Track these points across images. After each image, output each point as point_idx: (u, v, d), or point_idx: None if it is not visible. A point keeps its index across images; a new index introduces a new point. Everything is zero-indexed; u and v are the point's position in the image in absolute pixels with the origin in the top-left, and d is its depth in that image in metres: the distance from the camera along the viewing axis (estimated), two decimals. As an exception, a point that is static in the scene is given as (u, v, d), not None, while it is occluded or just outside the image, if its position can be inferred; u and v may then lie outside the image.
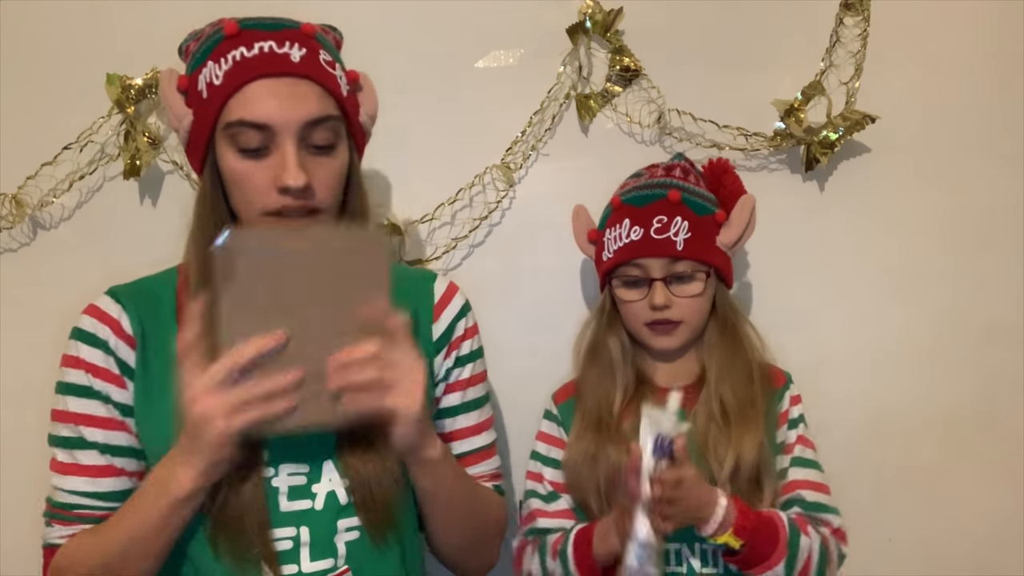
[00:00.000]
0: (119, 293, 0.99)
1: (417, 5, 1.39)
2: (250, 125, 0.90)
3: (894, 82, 1.40)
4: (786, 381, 1.21)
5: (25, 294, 1.37)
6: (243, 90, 0.90)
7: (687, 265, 1.15)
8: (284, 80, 0.91)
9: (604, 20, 1.36)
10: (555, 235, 1.40)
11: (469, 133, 1.41)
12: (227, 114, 0.91)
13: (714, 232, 1.19)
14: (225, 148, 0.92)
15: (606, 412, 1.17)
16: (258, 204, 0.91)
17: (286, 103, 0.90)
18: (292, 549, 0.93)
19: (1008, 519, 1.44)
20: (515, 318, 1.41)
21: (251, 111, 0.90)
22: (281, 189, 0.90)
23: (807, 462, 1.17)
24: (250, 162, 0.91)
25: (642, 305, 1.16)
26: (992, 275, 1.42)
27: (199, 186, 0.97)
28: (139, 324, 0.96)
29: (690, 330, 1.17)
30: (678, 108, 1.38)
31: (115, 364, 0.95)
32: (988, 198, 1.42)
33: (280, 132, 0.90)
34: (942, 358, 1.43)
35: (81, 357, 0.95)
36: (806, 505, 1.14)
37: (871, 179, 1.41)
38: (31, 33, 1.37)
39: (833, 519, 1.15)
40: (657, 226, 1.15)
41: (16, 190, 1.35)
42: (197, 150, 0.96)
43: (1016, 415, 1.43)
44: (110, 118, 1.35)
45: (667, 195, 1.17)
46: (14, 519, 1.30)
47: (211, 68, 0.92)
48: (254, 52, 0.91)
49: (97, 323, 0.96)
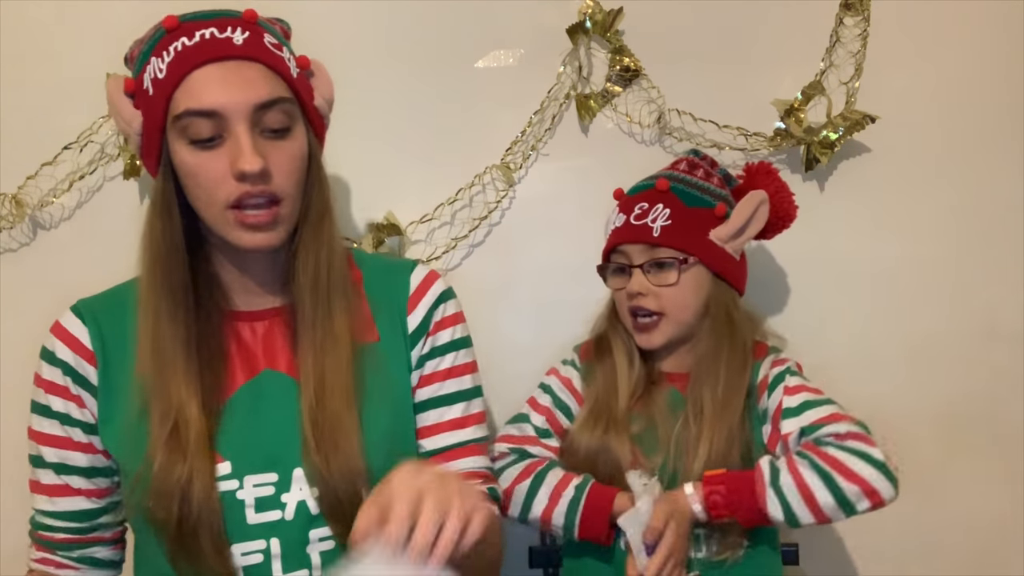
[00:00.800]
0: (82, 308, 0.97)
1: (417, 5, 1.39)
2: (199, 114, 0.85)
3: (894, 82, 1.40)
4: (767, 353, 1.18)
5: (25, 294, 1.37)
6: (187, 79, 0.86)
7: (664, 252, 1.14)
8: (229, 64, 0.86)
9: (604, 20, 1.36)
10: (555, 235, 1.40)
11: (469, 133, 1.41)
12: (174, 106, 0.87)
13: (707, 224, 1.17)
14: (177, 142, 0.88)
15: (614, 405, 1.16)
16: (217, 196, 0.87)
17: (234, 87, 0.86)
18: (263, 563, 0.91)
19: (1008, 519, 1.44)
20: (515, 318, 1.41)
21: (198, 99, 0.85)
22: (238, 176, 0.85)
23: (796, 410, 1.09)
24: (204, 153, 0.87)
25: (625, 293, 1.16)
26: (992, 275, 1.42)
27: (152, 189, 0.92)
28: (100, 339, 0.95)
29: (674, 325, 1.15)
30: (678, 108, 1.38)
31: (74, 382, 0.94)
32: (988, 198, 1.42)
33: (231, 118, 0.86)
34: (942, 358, 1.43)
35: (43, 376, 0.96)
36: (803, 433, 1.07)
37: (871, 179, 1.41)
38: (31, 33, 1.37)
39: (837, 427, 1.05)
40: (638, 212, 1.16)
41: (16, 190, 1.35)
42: (151, 151, 0.91)
43: (1016, 414, 1.43)
44: (110, 118, 1.35)
45: (655, 184, 1.18)
46: (14, 519, 1.30)
47: (154, 64, 0.88)
48: (195, 40, 0.87)
49: (57, 342, 0.95)
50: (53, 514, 0.97)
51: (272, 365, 0.95)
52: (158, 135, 0.89)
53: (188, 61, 0.86)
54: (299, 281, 0.94)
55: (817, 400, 1.10)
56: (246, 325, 0.97)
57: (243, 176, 0.85)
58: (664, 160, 1.40)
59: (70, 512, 0.97)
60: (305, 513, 0.92)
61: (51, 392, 0.95)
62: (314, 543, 0.92)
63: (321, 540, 0.92)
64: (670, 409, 1.16)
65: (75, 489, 0.96)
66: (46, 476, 0.97)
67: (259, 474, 0.91)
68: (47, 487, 0.97)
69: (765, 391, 1.14)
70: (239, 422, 0.92)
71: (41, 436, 0.96)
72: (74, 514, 0.97)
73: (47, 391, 0.95)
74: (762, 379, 1.15)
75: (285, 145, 0.89)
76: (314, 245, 0.94)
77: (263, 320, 0.97)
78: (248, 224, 0.88)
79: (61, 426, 0.95)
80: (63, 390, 0.95)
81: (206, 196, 0.88)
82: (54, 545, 0.98)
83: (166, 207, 0.90)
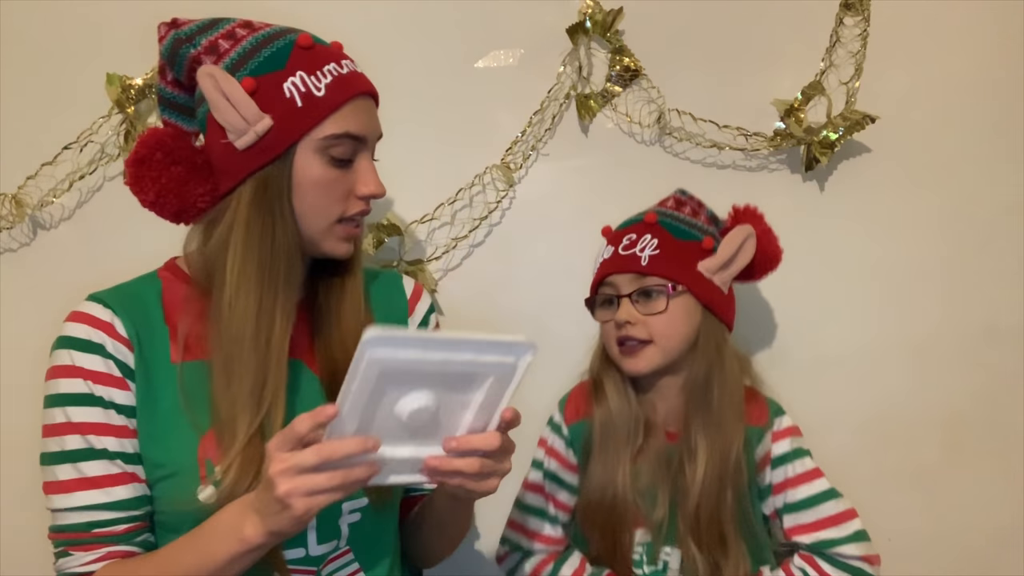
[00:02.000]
0: (105, 298, 0.96)
1: (417, 5, 1.39)
2: (353, 138, 0.95)
3: (894, 82, 1.40)
4: (769, 418, 1.17)
5: (25, 294, 1.37)
6: (348, 105, 0.95)
7: (652, 281, 1.13)
8: (370, 100, 1.00)
9: (604, 20, 1.36)
10: (555, 235, 1.40)
11: (469, 133, 1.41)
12: (328, 126, 0.94)
13: (695, 256, 1.16)
14: (314, 157, 0.94)
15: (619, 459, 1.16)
16: (336, 210, 0.96)
17: (373, 120, 0.99)
18: (302, 533, 0.93)
19: (1008, 519, 1.44)
20: (515, 318, 1.41)
21: (356, 127, 0.95)
22: (364, 197, 0.97)
23: (801, 504, 1.15)
24: (337, 171, 0.95)
25: (612, 324, 1.15)
26: (992, 275, 1.42)
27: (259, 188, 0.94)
28: (133, 327, 0.94)
29: (661, 353, 1.14)
30: (678, 108, 1.38)
31: (116, 367, 0.93)
32: (988, 198, 1.42)
33: (367, 145, 0.98)
34: (942, 358, 1.43)
35: (77, 365, 0.92)
36: (806, 548, 1.15)
37: (871, 179, 1.41)
38: (31, 33, 1.37)
39: (846, 548, 1.13)
40: (626, 243, 1.16)
41: (16, 190, 1.35)
42: (265, 154, 0.93)
43: (1016, 415, 1.43)
44: (110, 118, 1.35)
45: (643, 218, 1.18)
46: (14, 519, 1.30)
47: (302, 78, 0.93)
48: (345, 71, 0.96)
49: (90, 328, 0.93)
50: (108, 505, 0.91)
51: (295, 355, 0.98)
52: (287, 144, 0.93)
53: (350, 89, 0.95)
54: (324, 277, 1.01)
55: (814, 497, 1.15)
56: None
57: (370, 198, 0.98)
58: (664, 160, 1.40)
59: (127, 500, 0.92)
60: None
61: (91, 379, 0.92)
62: (345, 515, 0.96)
63: (351, 512, 0.97)
64: (666, 465, 1.16)
65: (129, 475, 0.92)
66: (94, 467, 0.91)
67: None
68: (97, 479, 0.91)
69: (767, 466, 1.16)
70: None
71: (85, 426, 0.91)
72: (130, 502, 0.92)
73: (87, 378, 0.91)
74: (764, 454, 1.16)
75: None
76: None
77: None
78: (350, 236, 0.98)
79: (104, 411, 0.92)
80: (105, 376, 0.92)
81: (326, 208, 0.96)
82: (117, 539, 0.92)
83: (283, 210, 0.95)
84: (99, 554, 0.91)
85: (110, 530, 0.91)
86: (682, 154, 1.41)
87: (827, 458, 1.20)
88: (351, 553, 0.98)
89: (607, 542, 1.16)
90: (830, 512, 1.15)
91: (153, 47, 1.28)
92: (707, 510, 1.12)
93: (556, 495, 1.21)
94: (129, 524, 0.92)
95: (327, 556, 0.96)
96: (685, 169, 1.40)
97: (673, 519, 1.15)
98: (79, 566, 0.91)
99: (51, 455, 0.92)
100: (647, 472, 1.16)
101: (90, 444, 0.91)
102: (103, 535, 0.91)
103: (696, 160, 1.41)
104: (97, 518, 0.91)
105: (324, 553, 0.96)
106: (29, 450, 1.01)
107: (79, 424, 0.91)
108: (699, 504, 1.12)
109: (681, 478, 1.14)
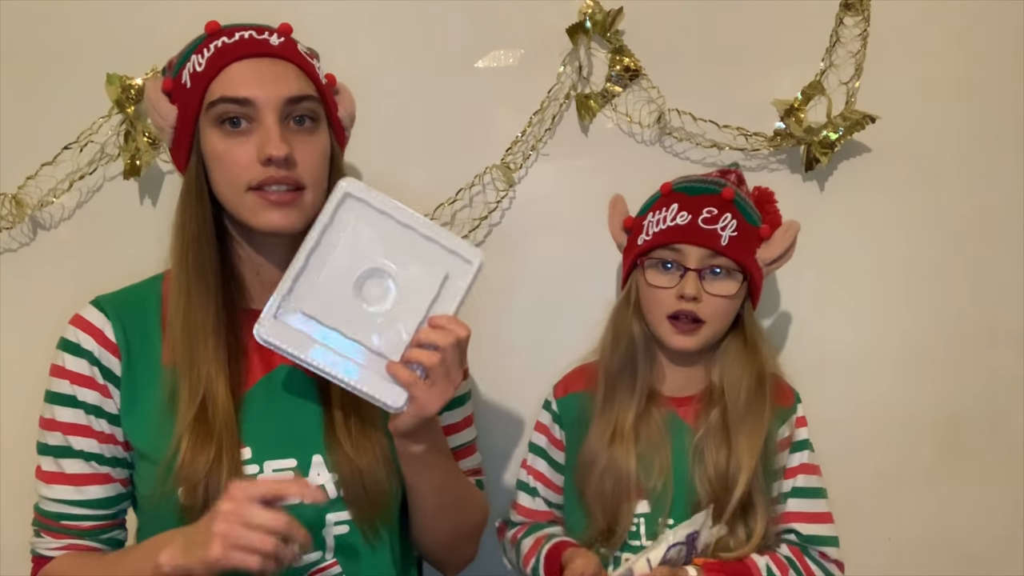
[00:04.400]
0: (103, 302, 0.99)
1: (417, 5, 1.39)
2: (232, 101, 0.92)
3: (894, 82, 1.40)
4: (794, 402, 1.19)
5: (25, 294, 1.37)
6: (225, 71, 0.93)
7: (726, 262, 1.12)
8: (264, 60, 0.94)
9: (604, 20, 1.36)
10: (555, 235, 1.40)
11: (469, 133, 1.41)
12: (210, 95, 0.93)
13: (756, 243, 1.16)
14: (209, 130, 0.93)
15: (621, 421, 1.15)
16: (242, 179, 0.92)
17: (267, 80, 0.93)
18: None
19: (1008, 519, 1.44)
20: (515, 318, 1.41)
21: (234, 88, 0.92)
22: (264, 160, 0.91)
23: (807, 491, 1.16)
24: (233, 140, 0.92)
25: (669, 294, 1.12)
26: (992, 275, 1.42)
27: (183, 180, 0.97)
28: (123, 332, 0.97)
29: (711, 333, 1.14)
30: (678, 108, 1.38)
31: (100, 373, 0.96)
32: (988, 198, 1.42)
33: (262, 108, 0.92)
34: (942, 358, 1.43)
35: (66, 367, 0.96)
36: (801, 538, 1.16)
37: (871, 179, 1.41)
38: (31, 33, 1.36)
39: (830, 551, 1.16)
40: (706, 216, 1.12)
41: (16, 190, 1.35)
42: (183, 142, 0.96)
43: (1016, 416, 1.43)
44: (110, 118, 1.35)
45: (721, 192, 1.15)
46: (14, 519, 1.30)
47: (194, 60, 0.95)
48: (234, 39, 0.94)
49: (80, 332, 0.97)
50: (79, 503, 0.97)
51: (286, 360, 0.97)
52: (191, 126, 0.94)
53: (227, 55, 0.93)
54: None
55: (818, 489, 1.18)
56: None
57: (269, 160, 0.91)
58: (664, 160, 1.40)
59: (98, 500, 0.98)
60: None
61: (76, 382, 0.96)
62: (330, 526, 0.96)
63: (337, 524, 0.96)
64: (669, 433, 1.16)
65: (103, 476, 0.98)
66: (72, 465, 0.97)
67: (279, 460, 0.95)
68: (72, 476, 0.97)
69: (786, 449, 1.17)
70: (258, 412, 0.96)
71: (66, 426, 0.97)
72: (101, 501, 0.98)
73: (72, 381, 0.96)
74: (786, 437, 1.17)
75: (311, 139, 0.96)
76: None
77: None
78: (270, 201, 0.92)
79: (86, 415, 0.96)
80: (89, 380, 0.96)
81: (231, 179, 0.93)
82: (82, 533, 0.98)
83: (197, 195, 0.95)
84: (63, 544, 0.98)
85: (76, 524, 0.98)
86: (682, 154, 1.41)
87: (827, 458, 1.20)
88: (338, 566, 0.97)
89: (607, 513, 1.14)
90: (823, 509, 1.17)
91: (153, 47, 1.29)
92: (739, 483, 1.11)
93: (537, 467, 1.22)
94: (96, 522, 0.98)
95: (312, 567, 0.96)
96: (685, 169, 1.40)
97: (680, 493, 1.13)
98: (45, 549, 0.99)
99: (40, 445, 0.99)
100: (646, 438, 1.15)
101: (68, 443, 0.97)
102: (70, 527, 0.98)
103: (696, 160, 1.41)
104: (67, 511, 0.98)
105: (308, 564, 0.95)
106: (29, 448, 1.01)
107: (61, 423, 0.97)
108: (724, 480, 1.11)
109: (710, 448, 1.13)
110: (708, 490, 1.12)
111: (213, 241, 0.96)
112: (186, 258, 0.95)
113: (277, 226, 0.93)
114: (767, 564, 1.11)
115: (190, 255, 0.95)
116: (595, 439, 1.15)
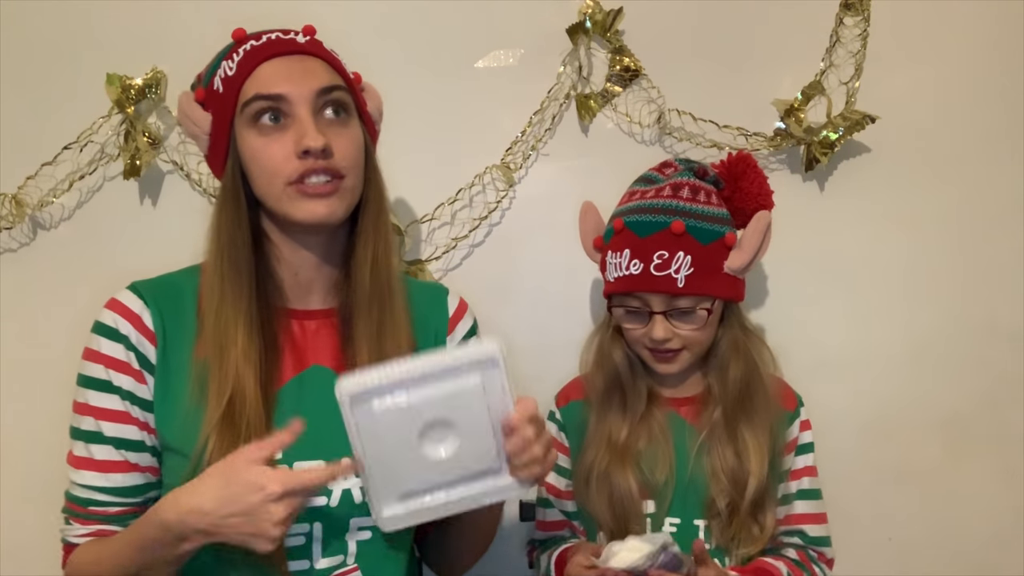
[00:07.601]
0: (141, 288, 0.99)
1: (417, 5, 1.39)
2: (266, 98, 0.93)
3: (894, 82, 1.40)
4: (797, 405, 1.20)
5: (25, 294, 1.37)
6: (256, 71, 0.94)
7: (689, 300, 1.12)
8: (293, 57, 0.96)
9: (604, 20, 1.36)
10: (555, 235, 1.40)
11: (469, 133, 1.41)
12: (243, 96, 0.94)
13: (721, 258, 1.13)
14: (245, 131, 0.94)
15: (616, 432, 1.16)
16: (281, 175, 0.93)
17: (297, 75, 0.94)
18: (304, 545, 0.94)
19: (1008, 519, 1.44)
20: (515, 318, 1.41)
21: (266, 86, 0.93)
22: (302, 153, 0.92)
23: (811, 493, 1.19)
24: (269, 137, 0.93)
25: (642, 333, 1.14)
26: (993, 275, 1.42)
27: (221, 184, 0.98)
28: (160, 320, 0.97)
29: (692, 355, 1.16)
30: (678, 108, 1.38)
31: (136, 359, 0.95)
32: (988, 198, 1.42)
33: (295, 102, 0.93)
34: (943, 358, 1.43)
35: (102, 352, 0.95)
36: (807, 539, 1.17)
37: (871, 179, 1.41)
38: (31, 33, 1.37)
39: (827, 551, 1.19)
40: (658, 262, 1.10)
41: (16, 190, 1.35)
42: (219, 147, 0.97)
43: (1016, 415, 1.43)
44: (110, 118, 1.35)
45: (670, 226, 1.11)
46: (14, 519, 1.30)
47: (224, 66, 0.96)
48: (263, 41, 0.96)
49: (118, 318, 0.96)
50: (107, 489, 0.96)
51: (319, 360, 0.99)
52: (227, 129, 0.96)
53: (257, 56, 0.95)
54: (358, 276, 0.99)
55: (819, 491, 1.20)
56: (297, 322, 1.01)
57: (306, 152, 0.92)
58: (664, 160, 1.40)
59: (125, 487, 0.97)
60: (349, 501, 0.96)
61: (112, 367, 0.95)
62: (353, 531, 0.97)
63: (360, 530, 0.97)
64: (671, 432, 1.17)
65: (132, 464, 0.97)
66: (101, 451, 0.96)
67: (307, 460, 0.94)
68: (101, 463, 0.96)
69: (792, 452, 1.18)
70: (289, 411, 0.95)
71: (99, 411, 0.95)
72: (129, 489, 0.97)
73: (107, 366, 0.95)
74: (791, 440, 1.18)
75: (344, 131, 0.97)
76: (373, 237, 0.99)
77: (314, 319, 1.01)
78: (309, 194, 0.93)
79: (122, 401, 0.95)
80: (125, 365, 0.95)
81: (270, 176, 0.93)
82: (109, 518, 0.97)
83: (235, 196, 0.96)
84: (91, 530, 0.97)
85: (104, 510, 0.97)
86: (682, 154, 1.41)
87: (828, 458, 1.20)
88: (359, 571, 0.97)
89: (617, 519, 1.15)
90: (823, 509, 1.19)
91: (153, 47, 1.29)
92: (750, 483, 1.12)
93: (554, 483, 1.23)
94: (122, 508, 0.97)
95: (332, 570, 0.96)
96: (685, 169, 1.40)
97: (680, 490, 1.14)
98: (74, 536, 0.98)
99: (73, 430, 0.98)
100: (647, 438, 1.16)
101: (100, 429, 0.96)
102: (97, 513, 0.97)
103: (699, 159, 1.41)
104: (95, 497, 0.97)
105: (329, 567, 0.96)
106: (29, 447, 1.01)
107: (94, 408, 0.96)
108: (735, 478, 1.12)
109: (716, 447, 1.14)
110: (721, 489, 1.13)
111: (249, 243, 0.96)
112: (221, 260, 0.96)
113: (320, 216, 0.94)
114: (788, 569, 1.14)
115: (225, 257, 0.95)
116: (589, 456, 1.17)
